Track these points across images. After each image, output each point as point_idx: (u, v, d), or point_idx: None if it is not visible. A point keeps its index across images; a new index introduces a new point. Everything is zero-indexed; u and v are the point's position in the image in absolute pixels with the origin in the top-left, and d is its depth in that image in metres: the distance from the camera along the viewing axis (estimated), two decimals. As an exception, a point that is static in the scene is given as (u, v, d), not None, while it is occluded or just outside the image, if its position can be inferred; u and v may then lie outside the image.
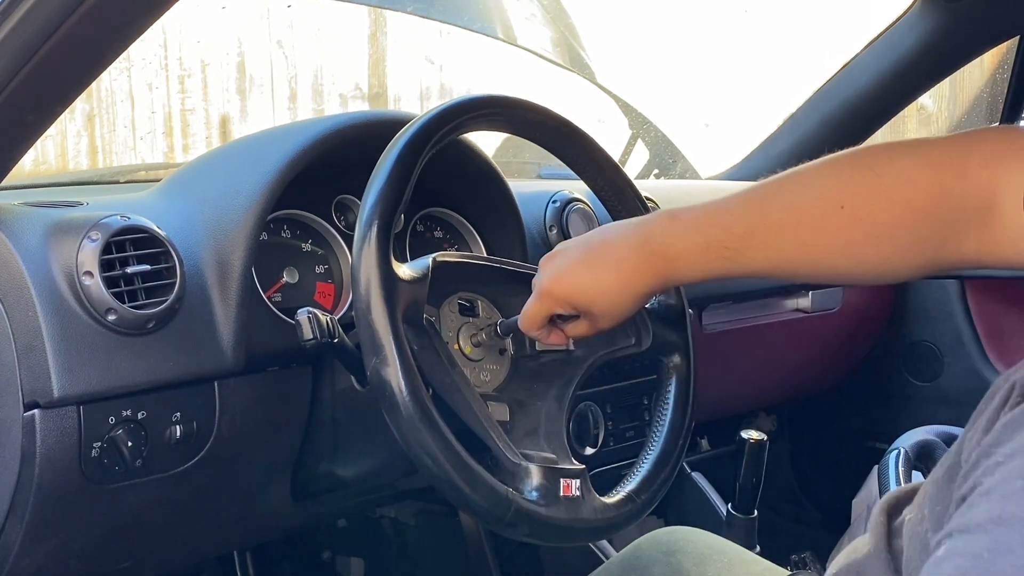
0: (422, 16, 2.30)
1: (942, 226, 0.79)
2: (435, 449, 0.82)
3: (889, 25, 1.85)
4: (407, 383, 0.82)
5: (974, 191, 0.76)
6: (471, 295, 1.01)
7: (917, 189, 0.79)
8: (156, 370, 0.94)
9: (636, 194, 1.08)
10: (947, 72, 1.92)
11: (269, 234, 1.11)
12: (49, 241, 0.92)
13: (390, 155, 0.89)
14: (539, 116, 1.02)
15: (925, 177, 0.79)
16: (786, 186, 0.86)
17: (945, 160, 0.79)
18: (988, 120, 2.22)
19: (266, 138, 1.14)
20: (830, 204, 0.82)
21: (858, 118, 1.96)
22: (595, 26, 2.52)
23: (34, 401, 0.89)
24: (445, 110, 0.94)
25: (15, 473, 0.90)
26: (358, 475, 1.14)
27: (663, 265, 0.88)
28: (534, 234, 1.32)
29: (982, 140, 0.80)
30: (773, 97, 2.29)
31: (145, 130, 2.27)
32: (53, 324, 0.89)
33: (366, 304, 0.84)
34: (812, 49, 2.51)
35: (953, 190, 0.77)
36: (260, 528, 1.20)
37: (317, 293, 1.14)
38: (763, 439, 1.36)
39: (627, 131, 2.30)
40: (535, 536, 0.88)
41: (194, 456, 0.99)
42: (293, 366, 1.07)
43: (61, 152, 2.20)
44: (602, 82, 2.41)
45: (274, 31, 2.48)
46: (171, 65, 2.29)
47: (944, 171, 0.78)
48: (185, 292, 0.96)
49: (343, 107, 2.66)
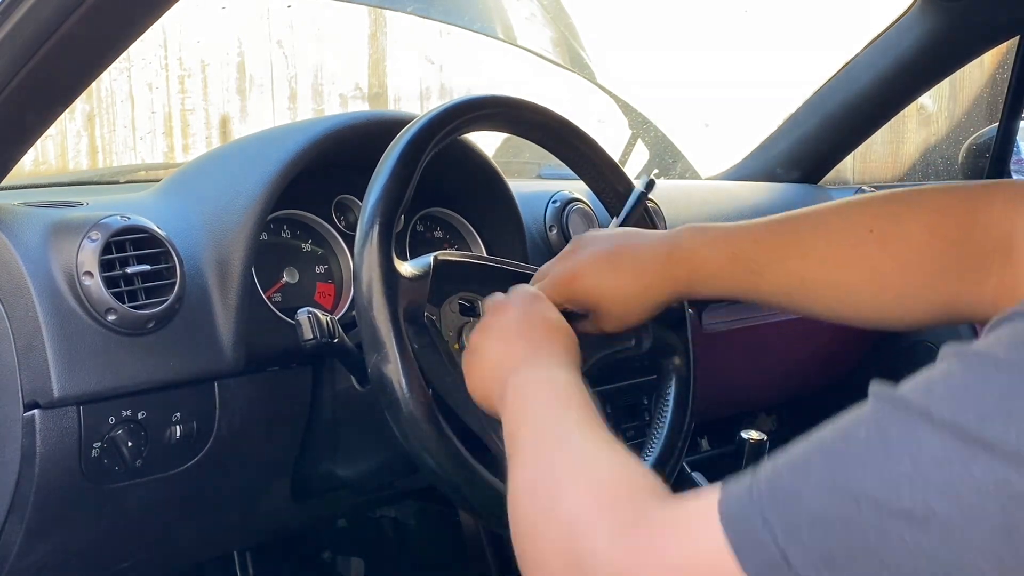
0: (422, 16, 2.30)
1: (967, 258, 0.78)
2: (435, 446, 0.82)
3: (889, 25, 1.85)
4: (408, 380, 0.82)
5: (998, 227, 0.77)
6: (472, 295, 1.01)
7: (945, 217, 0.80)
8: (156, 370, 0.94)
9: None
10: (947, 72, 1.92)
11: (269, 234, 1.11)
12: (49, 241, 0.92)
13: (392, 154, 0.89)
14: (540, 116, 1.02)
15: (954, 208, 0.80)
16: (817, 211, 0.87)
17: (973, 196, 0.80)
18: (988, 120, 2.22)
19: (266, 138, 1.14)
20: (860, 226, 0.83)
21: (858, 118, 1.96)
22: (595, 26, 2.52)
23: (34, 401, 0.89)
24: (446, 110, 0.94)
25: (15, 473, 0.90)
26: (358, 475, 1.14)
27: (686, 274, 0.88)
28: (534, 234, 1.31)
29: (1008, 185, 0.82)
30: (773, 97, 2.29)
31: (145, 130, 2.26)
32: (53, 324, 0.89)
33: (367, 301, 0.84)
34: (812, 49, 2.51)
35: (979, 220, 0.78)
36: (260, 528, 1.20)
37: (317, 293, 1.14)
38: (763, 439, 1.36)
39: (627, 131, 2.30)
40: (535, 536, 0.88)
41: (194, 456, 0.99)
42: (293, 366, 1.07)
43: (61, 152, 2.20)
44: (602, 82, 2.41)
45: (274, 31, 2.48)
46: (171, 65, 2.29)
47: (973, 203, 0.79)
48: (185, 292, 0.96)
49: (343, 107, 2.66)
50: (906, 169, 2.47)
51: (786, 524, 0.46)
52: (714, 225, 0.89)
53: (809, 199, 1.98)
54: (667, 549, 0.51)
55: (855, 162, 2.31)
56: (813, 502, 0.46)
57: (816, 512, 0.45)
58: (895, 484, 0.43)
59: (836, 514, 0.45)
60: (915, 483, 0.43)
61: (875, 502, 0.43)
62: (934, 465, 0.43)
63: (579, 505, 0.58)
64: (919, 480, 0.43)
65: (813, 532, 0.45)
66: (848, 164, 2.23)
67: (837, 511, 0.45)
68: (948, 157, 2.37)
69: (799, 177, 2.04)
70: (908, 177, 2.44)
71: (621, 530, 0.54)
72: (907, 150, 2.48)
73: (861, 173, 2.37)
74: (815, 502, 0.46)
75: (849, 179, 2.32)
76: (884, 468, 0.44)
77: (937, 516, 0.42)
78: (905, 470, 0.43)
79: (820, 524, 0.45)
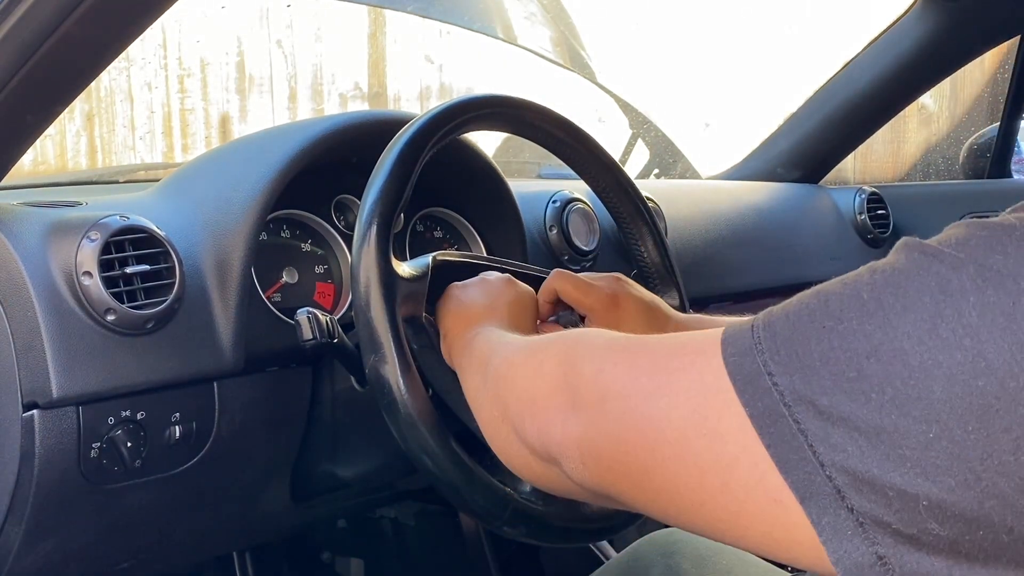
0: (422, 16, 2.30)
1: None
2: (433, 448, 0.82)
3: (889, 25, 1.85)
4: (406, 381, 0.82)
5: None
6: (471, 295, 1.01)
7: None
8: (155, 370, 0.94)
9: (637, 194, 1.08)
10: (947, 72, 1.93)
11: (269, 234, 1.11)
12: (48, 241, 0.91)
13: (391, 154, 0.89)
14: (540, 116, 1.02)
15: None
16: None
17: None
18: (989, 120, 2.23)
19: (266, 138, 1.14)
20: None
21: (858, 118, 1.96)
22: (595, 26, 2.52)
23: (33, 401, 0.89)
24: (446, 109, 0.93)
25: (14, 473, 0.90)
26: (358, 475, 1.14)
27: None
28: (534, 234, 1.31)
29: None
30: (773, 97, 2.29)
31: (144, 130, 2.27)
32: (52, 324, 0.88)
33: (365, 301, 0.84)
34: (812, 49, 2.51)
35: None
36: (260, 528, 1.20)
37: (317, 293, 1.14)
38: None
39: (627, 131, 2.30)
40: (533, 536, 0.88)
41: (193, 456, 0.98)
42: (292, 366, 1.07)
43: (60, 152, 2.20)
44: (602, 82, 2.41)
45: (274, 31, 2.48)
46: (171, 65, 2.29)
47: None
48: (184, 292, 0.96)
49: (343, 107, 2.67)
50: (907, 169, 2.47)
51: (765, 320, 0.49)
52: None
53: (810, 199, 1.99)
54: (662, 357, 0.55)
55: (855, 162, 2.32)
56: (792, 305, 0.48)
57: (792, 310, 0.48)
58: (859, 286, 0.46)
59: (807, 310, 0.47)
60: (876, 286, 0.45)
61: (840, 298, 0.46)
62: (898, 273, 0.45)
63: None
64: (880, 283, 0.45)
65: (785, 322, 0.47)
66: (848, 164, 2.24)
67: (809, 308, 0.47)
68: (949, 157, 2.37)
69: (800, 177, 2.04)
70: (909, 177, 2.44)
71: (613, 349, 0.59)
72: (907, 150, 2.48)
73: (861, 173, 2.37)
74: (793, 304, 0.48)
75: (849, 179, 2.33)
76: (859, 279, 0.46)
77: (883, 304, 0.44)
78: (876, 279, 0.46)
79: (793, 317, 0.47)
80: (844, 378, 0.44)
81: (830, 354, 0.45)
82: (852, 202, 1.99)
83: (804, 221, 1.91)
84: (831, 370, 0.45)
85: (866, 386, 0.44)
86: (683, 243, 1.61)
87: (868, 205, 1.98)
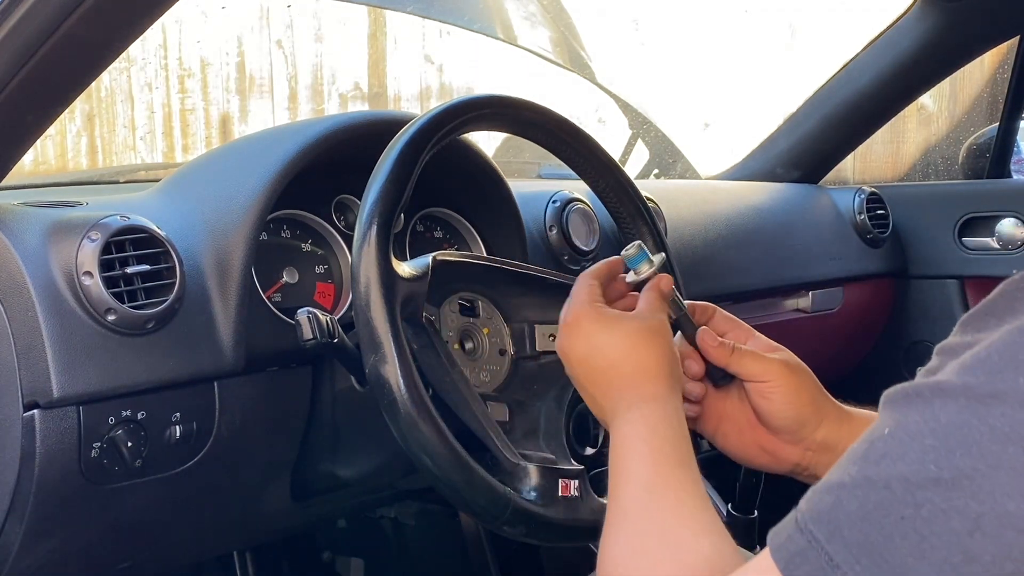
0: (422, 16, 2.31)
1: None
2: (433, 448, 0.82)
3: (889, 25, 1.85)
4: (406, 381, 0.82)
5: None
6: (471, 295, 1.01)
7: None
8: (156, 370, 0.94)
9: (636, 194, 1.08)
10: (947, 72, 1.93)
11: (269, 234, 1.11)
12: (49, 241, 0.92)
13: (391, 154, 0.89)
14: (540, 116, 1.02)
15: None
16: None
17: None
18: (988, 120, 2.23)
19: (266, 138, 1.14)
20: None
21: (858, 118, 1.96)
22: (595, 26, 2.52)
23: (34, 401, 0.89)
24: (446, 110, 0.93)
25: (15, 473, 0.90)
26: (358, 475, 1.14)
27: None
28: (534, 234, 1.31)
29: None
30: (773, 97, 2.29)
31: (145, 130, 2.27)
32: (53, 324, 0.89)
33: (365, 301, 0.84)
34: (812, 49, 2.52)
35: None
36: (260, 528, 1.20)
37: (317, 293, 1.14)
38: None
39: (627, 131, 2.30)
40: (533, 536, 0.88)
41: (194, 456, 0.98)
42: (293, 366, 1.07)
43: (61, 152, 2.20)
44: (602, 82, 2.41)
45: (274, 31, 2.48)
46: (171, 65, 2.29)
47: None
48: (185, 292, 0.96)
49: (343, 107, 2.67)
50: (906, 169, 2.47)
51: (828, 530, 0.47)
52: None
53: (809, 199, 1.99)
54: None
55: (855, 162, 2.32)
56: (851, 503, 0.46)
57: (853, 510, 0.46)
58: (921, 459, 0.44)
59: (872, 504, 0.45)
60: (939, 451, 0.43)
61: (905, 480, 0.44)
62: (953, 429, 0.43)
63: None
64: (942, 448, 0.43)
65: (852, 527, 0.46)
66: (848, 164, 2.24)
67: (873, 501, 0.45)
68: (948, 157, 2.37)
69: (799, 177, 2.04)
70: (908, 177, 2.44)
71: None
72: (907, 150, 2.48)
73: (861, 173, 2.37)
74: (852, 503, 0.46)
75: (849, 179, 2.33)
76: (909, 449, 0.45)
77: (963, 472, 0.42)
78: (929, 443, 0.44)
79: (858, 518, 0.46)
80: (949, 566, 0.41)
81: (923, 545, 0.42)
82: (851, 202, 1.98)
83: (803, 221, 1.91)
84: (931, 562, 0.42)
85: (979, 569, 0.41)
86: (683, 243, 1.61)
87: (867, 205, 1.98)
